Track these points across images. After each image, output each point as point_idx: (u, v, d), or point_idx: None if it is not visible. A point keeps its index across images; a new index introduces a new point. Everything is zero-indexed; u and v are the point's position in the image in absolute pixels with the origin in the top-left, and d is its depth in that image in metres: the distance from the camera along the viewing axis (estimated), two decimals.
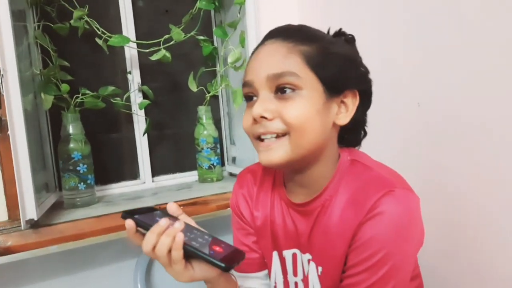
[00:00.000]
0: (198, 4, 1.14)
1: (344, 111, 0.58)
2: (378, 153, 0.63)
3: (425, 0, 0.82)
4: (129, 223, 0.49)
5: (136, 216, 0.50)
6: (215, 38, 1.33)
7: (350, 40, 0.62)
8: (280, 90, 0.54)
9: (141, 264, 1.15)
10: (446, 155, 0.81)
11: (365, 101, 0.61)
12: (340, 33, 0.62)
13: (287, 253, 0.65)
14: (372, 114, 0.64)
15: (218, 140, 1.28)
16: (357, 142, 0.65)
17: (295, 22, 0.62)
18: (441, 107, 0.81)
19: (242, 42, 1.14)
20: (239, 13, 1.14)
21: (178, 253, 0.47)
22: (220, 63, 1.30)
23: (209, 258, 0.47)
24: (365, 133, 0.65)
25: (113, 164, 1.21)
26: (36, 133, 1.00)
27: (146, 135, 1.22)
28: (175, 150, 1.32)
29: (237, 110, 1.21)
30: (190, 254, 0.48)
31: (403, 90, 0.90)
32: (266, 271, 0.69)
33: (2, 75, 0.79)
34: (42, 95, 1.00)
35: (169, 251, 0.48)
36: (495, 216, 0.72)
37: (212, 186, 1.21)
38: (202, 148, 1.24)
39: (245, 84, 0.57)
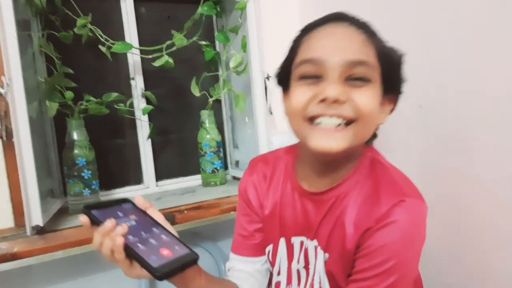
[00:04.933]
0: (199, 10, 1.15)
1: (383, 112, 0.59)
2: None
3: (427, 2, 0.83)
4: (83, 218, 0.51)
5: (93, 211, 0.51)
6: (217, 43, 1.34)
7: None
8: (352, 78, 0.52)
9: None
10: (448, 157, 0.81)
11: (393, 109, 0.62)
12: None
13: (296, 240, 0.65)
14: None
15: (221, 144, 1.29)
16: (369, 142, 0.66)
17: (297, 27, 0.63)
18: (443, 109, 0.81)
19: (244, 46, 1.14)
20: (240, 18, 1.15)
21: (119, 255, 0.49)
22: (222, 68, 1.31)
23: (145, 264, 0.48)
24: (376, 136, 0.66)
25: (117, 169, 1.22)
26: (41, 140, 1.02)
27: (149, 140, 1.23)
28: (178, 155, 1.33)
29: (239, 114, 1.22)
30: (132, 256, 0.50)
31: (405, 92, 0.90)
32: (261, 258, 0.69)
33: (8, 84, 0.80)
34: (47, 102, 1.02)
35: (112, 251, 0.49)
36: (498, 219, 0.72)
37: (215, 190, 1.22)
38: (205, 152, 1.25)
39: (310, 61, 0.53)
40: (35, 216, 0.84)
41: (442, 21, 0.79)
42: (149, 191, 1.25)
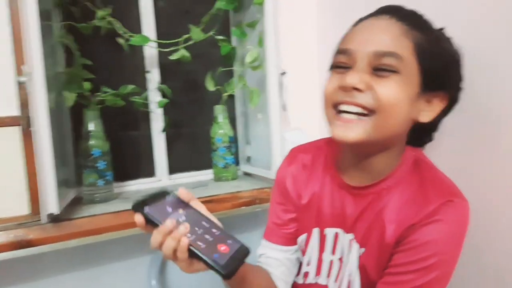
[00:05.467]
0: (217, 4, 1.15)
1: (428, 110, 0.57)
2: None
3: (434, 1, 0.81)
4: (138, 218, 0.50)
5: (146, 210, 0.50)
6: (233, 38, 1.34)
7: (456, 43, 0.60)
8: (379, 68, 0.52)
9: (156, 260, 1.17)
10: (464, 157, 0.79)
11: (449, 107, 0.60)
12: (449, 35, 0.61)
13: (330, 231, 0.65)
14: None
15: (234, 140, 1.29)
16: (421, 144, 0.65)
17: (313, 23, 0.62)
18: (461, 106, 0.79)
19: (260, 42, 1.14)
20: (258, 13, 1.15)
21: (182, 255, 0.49)
22: (237, 63, 1.31)
23: (211, 264, 0.48)
24: (431, 139, 0.65)
25: (130, 161, 1.23)
26: (58, 130, 1.03)
27: (163, 133, 1.24)
28: (191, 149, 1.33)
29: (253, 110, 1.21)
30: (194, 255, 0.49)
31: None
32: (293, 248, 0.70)
33: (29, 72, 0.81)
34: (65, 93, 1.03)
35: (175, 251, 0.49)
36: (509, 217, 0.70)
37: (227, 184, 1.22)
38: (218, 147, 1.25)
39: (343, 51, 0.55)
40: (51, 204, 0.85)
41: (452, 19, 0.77)
42: (162, 184, 1.25)
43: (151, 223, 0.50)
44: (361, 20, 0.58)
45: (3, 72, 0.89)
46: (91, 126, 1.05)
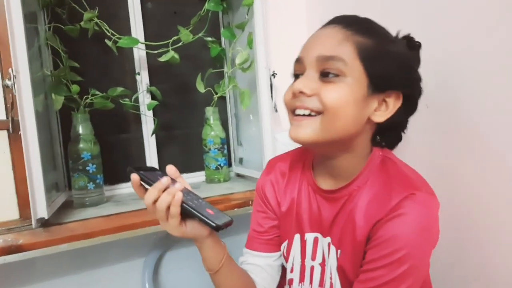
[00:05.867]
0: (206, 6, 1.15)
1: (383, 110, 0.58)
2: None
3: (435, 2, 0.82)
4: (134, 177, 0.55)
5: (141, 172, 0.55)
6: (222, 39, 1.34)
7: (413, 46, 0.62)
8: (325, 73, 0.55)
9: (149, 263, 1.16)
10: (455, 157, 0.80)
11: (408, 106, 0.61)
12: (407, 38, 0.63)
13: (309, 236, 0.67)
14: None
15: (225, 141, 1.29)
16: (391, 145, 0.66)
17: (303, 24, 0.63)
18: (449, 109, 0.81)
19: (250, 43, 1.14)
20: (247, 14, 1.15)
21: (175, 209, 0.53)
22: (227, 64, 1.31)
23: (202, 217, 0.53)
24: (400, 139, 0.66)
25: (121, 164, 1.22)
26: (47, 133, 1.02)
27: (154, 135, 1.23)
28: (182, 151, 1.33)
29: (244, 111, 1.22)
30: (185, 212, 0.55)
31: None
32: (275, 254, 0.72)
33: (15, 76, 0.80)
34: (53, 95, 1.02)
35: (168, 207, 0.53)
36: (507, 220, 0.72)
37: (219, 186, 1.22)
38: (210, 149, 1.25)
39: (296, 60, 0.59)
40: (40, 208, 0.84)
41: (449, 21, 0.79)
42: None
43: (145, 183, 0.55)
44: (318, 29, 0.61)
45: None
46: (80, 129, 1.04)
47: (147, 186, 0.55)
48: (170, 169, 0.59)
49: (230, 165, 1.37)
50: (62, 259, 1.04)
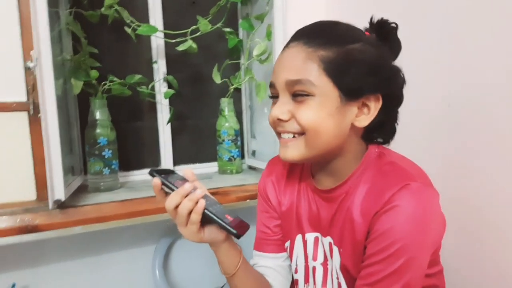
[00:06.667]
0: None
1: (365, 113, 0.58)
2: (407, 153, 0.63)
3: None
4: (156, 181, 0.55)
5: (162, 175, 0.56)
6: (240, 31, 1.33)
7: (386, 34, 0.60)
8: (296, 94, 0.57)
9: (160, 250, 1.17)
10: (476, 156, 0.79)
11: (391, 102, 0.60)
12: (381, 24, 0.61)
13: (310, 236, 0.67)
14: (401, 114, 0.63)
15: (239, 133, 1.29)
16: (385, 141, 0.65)
17: (322, 16, 0.62)
18: (472, 108, 0.79)
19: (269, 35, 1.13)
20: (267, 5, 1.14)
21: (197, 216, 0.54)
22: (245, 56, 1.30)
23: (224, 225, 0.54)
24: (394, 132, 0.65)
25: (136, 151, 1.23)
26: (65, 117, 1.03)
27: (169, 124, 1.24)
28: (196, 141, 1.33)
29: (259, 104, 1.21)
30: (206, 219, 0.54)
31: (433, 90, 0.88)
32: (283, 254, 0.72)
33: (37, 58, 0.81)
34: (72, 80, 1.03)
35: (189, 213, 0.54)
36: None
37: (232, 177, 1.22)
38: (223, 140, 1.25)
39: (270, 85, 0.61)
40: (58, 190, 0.85)
41: (473, 19, 0.77)
42: None
43: (166, 188, 0.55)
44: (284, 48, 0.61)
45: (11, 58, 0.89)
46: (97, 115, 1.05)
47: (168, 190, 0.56)
48: (187, 173, 0.59)
49: (243, 157, 1.37)
50: (75, 241, 1.06)
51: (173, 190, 0.55)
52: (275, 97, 0.61)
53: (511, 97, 0.71)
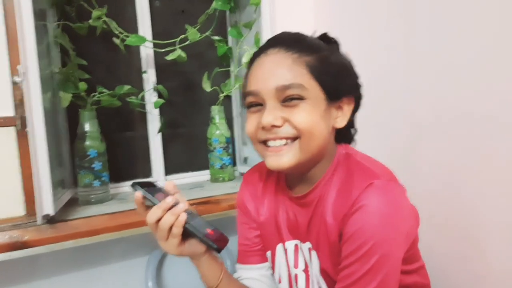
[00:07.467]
0: (214, 5, 1.15)
1: (341, 115, 0.61)
2: (389, 151, 0.64)
3: (438, 4, 0.81)
4: (138, 195, 0.55)
5: (145, 188, 0.56)
6: (229, 38, 1.34)
7: (335, 44, 0.64)
8: (287, 100, 0.57)
9: (153, 261, 1.16)
10: (458, 153, 0.80)
11: (356, 104, 0.64)
12: (325, 37, 0.64)
13: (289, 244, 0.67)
14: (383, 111, 0.65)
15: (230, 140, 1.29)
16: (351, 140, 0.68)
17: (311, 24, 0.63)
18: (459, 106, 0.80)
19: (257, 42, 1.14)
20: (254, 13, 1.15)
21: (178, 230, 0.54)
22: (234, 64, 1.31)
23: (205, 239, 0.54)
24: (356, 130, 0.68)
25: (126, 162, 1.23)
26: (54, 130, 1.02)
27: (159, 133, 1.24)
28: (187, 149, 1.33)
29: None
30: (187, 232, 0.55)
31: (420, 89, 0.89)
32: (266, 264, 0.72)
33: (24, 73, 0.81)
34: (61, 93, 1.02)
35: (170, 227, 0.54)
36: (508, 217, 0.71)
37: (223, 185, 1.22)
38: (215, 148, 1.25)
39: (250, 93, 0.59)
40: (46, 205, 0.85)
41: (454, 20, 0.78)
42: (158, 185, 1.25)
43: (148, 201, 0.55)
44: (255, 57, 0.61)
45: None
46: (87, 127, 1.04)
47: (149, 204, 0.55)
48: (169, 185, 0.59)
49: (234, 164, 1.37)
50: (66, 255, 1.05)
51: (154, 203, 0.54)
52: (257, 105, 0.60)
53: (492, 93, 0.72)
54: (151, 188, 0.57)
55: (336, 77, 0.58)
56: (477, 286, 0.78)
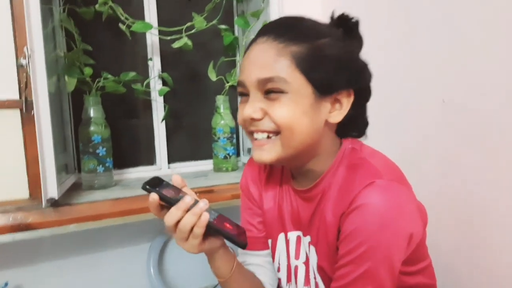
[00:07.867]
0: None
1: (338, 109, 0.57)
2: (401, 150, 0.62)
3: None
4: (154, 196, 0.51)
5: (158, 189, 0.51)
6: (236, 28, 1.32)
7: (350, 29, 0.59)
8: (268, 92, 0.55)
9: (155, 248, 1.17)
10: (469, 153, 0.79)
11: (362, 96, 0.60)
12: (342, 19, 0.59)
13: (292, 235, 0.66)
14: (396, 110, 0.63)
15: (235, 130, 1.28)
16: (360, 134, 0.64)
17: (319, 13, 0.61)
18: (466, 104, 0.79)
19: None
20: (262, 2, 1.13)
21: (200, 231, 0.51)
22: (240, 53, 1.30)
23: (232, 238, 0.52)
24: (367, 124, 0.64)
25: (130, 149, 1.23)
26: (58, 115, 1.02)
27: (163, 122, 1.23)
28: (191, 138, 1.33)
29: None
30: (210, 232, 0.52)
31: (428, 86, 0.88)
32: (269, 250, 0.71)
33: (30, 55, 0.80)
34: (66, 77, 1.02)
35: (191, 227, 0.51)
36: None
37: (227, 175, 1.22)
38: (219, 138, 1.25)
39: (239, 83, 0.58)
40: (51, 189, 0.85)
41: (467, 16, 0.77)
42: (161, 173, 1.25)
43: (164, 202, 0.51)
44: (249, 45, 0.58)
45: (3, 55, 0.88)
46: (91, 112, 1.04)
47: (166, 205, 0.52)
48: (176, 179, 0.56)
49: (238, 154, 1.37)
50: (69, 239, 1.06)
51: (171, 203, 0.51)
52: (244, 95, 0.58)
53: (506, 94, 0.71)
54: (161, 185, 0.53)
55: (327, 71, 0.54)
56: (485, 283, 0.78)
